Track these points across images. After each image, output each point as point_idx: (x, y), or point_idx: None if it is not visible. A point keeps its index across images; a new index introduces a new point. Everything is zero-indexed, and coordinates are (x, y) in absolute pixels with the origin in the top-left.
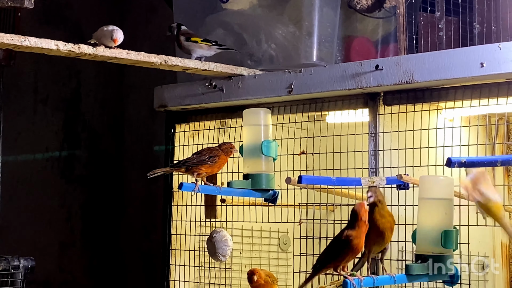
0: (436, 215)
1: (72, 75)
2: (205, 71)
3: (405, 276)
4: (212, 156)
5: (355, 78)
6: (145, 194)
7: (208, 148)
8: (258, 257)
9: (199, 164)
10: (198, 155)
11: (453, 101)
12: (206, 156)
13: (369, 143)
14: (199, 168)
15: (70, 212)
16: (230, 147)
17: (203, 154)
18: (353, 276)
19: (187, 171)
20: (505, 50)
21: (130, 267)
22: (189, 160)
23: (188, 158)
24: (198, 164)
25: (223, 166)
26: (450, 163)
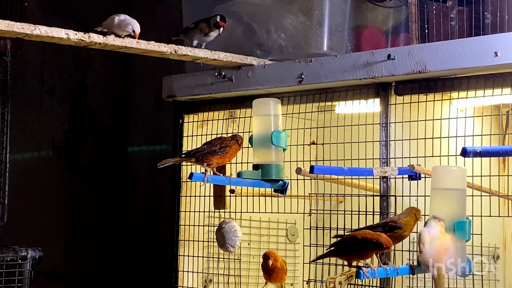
0: (449, 206)
1: (79, 66)
2: (215, 61)
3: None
4: (223, 146)
5: (367, 68)
6: (152, 186)
7: (219, 138)
8: (266, 248)
9: (210, 155)
10: (209, 145)
11: (466, 91)
12: (217, 147)
13: (380, 133)
14: (209, 158)
15: (76, 203)
16: (240, 138)
17: (214, 145)
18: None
19: (197, 162)
20: None
21: (136, 258)
22: (200, 150)
23: (199, 148)
24: (208, 154)
25: (233, 157)
26: (465, 152)
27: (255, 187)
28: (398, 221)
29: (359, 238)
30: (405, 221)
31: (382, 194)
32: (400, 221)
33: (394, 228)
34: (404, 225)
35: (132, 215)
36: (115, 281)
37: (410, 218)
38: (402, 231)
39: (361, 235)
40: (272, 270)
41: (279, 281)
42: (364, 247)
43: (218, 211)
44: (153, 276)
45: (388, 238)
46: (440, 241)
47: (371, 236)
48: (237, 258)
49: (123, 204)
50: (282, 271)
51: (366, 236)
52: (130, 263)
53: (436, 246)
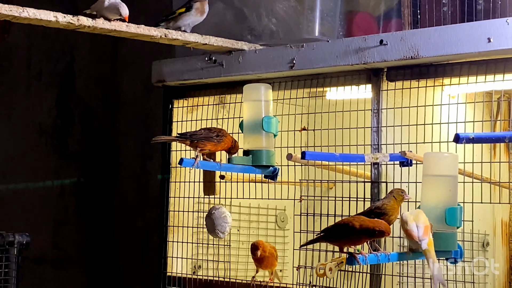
0: (440, 192)
1: (66, 50)
2: (205, 45)
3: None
4: (220, 135)
5: (359, 53)
6: (140, 171)
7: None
8: (256, 234)
9: (206, 140)
10: (207, 130)
11: (458, 77)
12: (215, 134)
13: (372, 120)
14: (204, 143)
15: (64, 188)
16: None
17: (212, 131)
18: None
19: (191, 144)
20: None
21: (124, 244)
22: (197, 133)
23: (196, 132)
24: (204, 139)
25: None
26: (458, 139)
27: (246, 173)
28: (383, 207)
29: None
30: (389, 206)
31: (373, 180)
32: (384, 206)
33: (380, 215)
34: (390, 210)
35: (120, 201)
36: (103, 266)
37: (393, 201)
38: (389, 216)
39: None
40: (262, 259)
41: (270, 267)
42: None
43: (208, 197)
44: (141, 261)
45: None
46: (422, 215)
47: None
48: (227, 244)
49: (111, 189)
50: (272, 258)
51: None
52: (118, 248)
53: (419, 221)
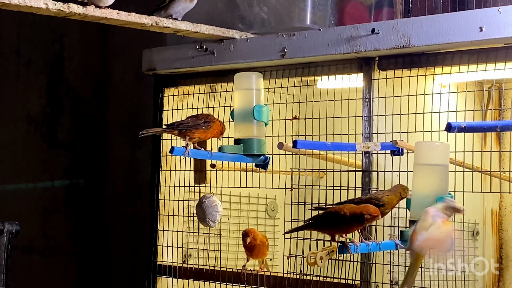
0: (432, 181)
1: (56, 38)
2: (196, 34)
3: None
4: (208, 121)
5: (350, 42)
6: (130, 160)
7: (206, 114)
8: (246, 223)
9: (193, 128)
10: (194, 118)
11: (449, 66)
12: (202, 121)
13: (363, 109)
14: (193, 132)
15: (53, 177)
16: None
17: (199, 118)
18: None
19: (180, 134)
20: (505, 14)
21: (115, 233)
22: (184, 122)
23: (183, 121)
24: (192, 127)
25: (214, 135)
26: (450, 128)
27: (236, 161)
28: (382, 199)
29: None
30: (388, 198)
31: (364, 169)
32: (383, 198)
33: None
34: (387, 203)
35: (111, 190)
36: (93, 255)
37: (394, 196)
38: (384, 208)
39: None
40: (253, 247)
41: (260, 256)
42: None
43: (199, 186)
44: (132, 250)
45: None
46: (439, 231)
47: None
48: (217, 233)
49: (101, 178)
50: (263, 246)
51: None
52: (108, 237)
53: (432, 234)
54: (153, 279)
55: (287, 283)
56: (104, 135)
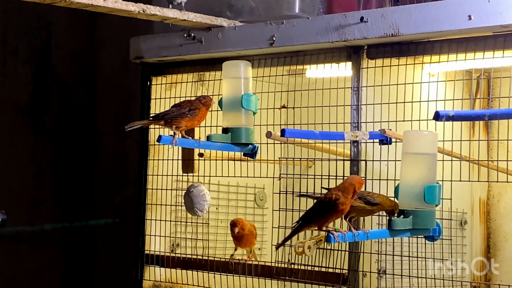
0: (420, 170)
1: (43, 26)
2: (184, 22)
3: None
4: (193, 109)
5: (339, 31)
6: (118, 149)
7: (188, 100)
8: (234, 212)
9: (179, 117)
10: (178, 108)
11: (438, 55)
12: (186, 109)
13: (352, 97)
14: (178, 121)
15: (41, 166)
16: (210, 100)
17: (183, 107)
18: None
19: (166, 124)
20: (494, 2)
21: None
22: (168, 112)
23: (167, 111)
24: (177, 117)
25: (203, 120)
26: (438, 116)
27: (225, 150)
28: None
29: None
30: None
31: (353, 158)
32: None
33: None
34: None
35: (98, 179)
36: (80, 244)
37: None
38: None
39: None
40: (241, 236)
41: (248, 246)
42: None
43: (187, 175)
44: (119, 239)
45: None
46: None
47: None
48: (205, 222)
49: (88, 167)
50: (251, 236)
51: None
52: (96, 227)
53: None
54: (140, 269)
55: (275, 272)
56: (92, 124)
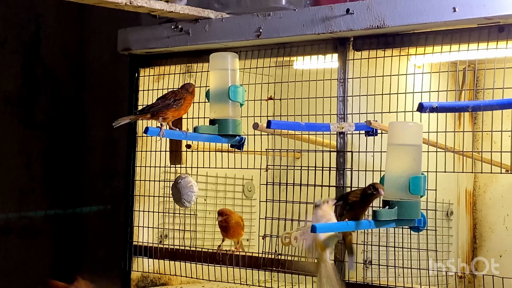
0: (405, 161)
1: (31, 18)
2: (171, 13)
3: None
4: (177, 99)
5: (325, 22)
6: (107, 140)
7: (172, 91)
8: (223, 204)
9: (165, 109)
10: (162, 99)
11: (423, 47)
12: (171, 100)
13: (338, 89)
14: (165, 112)
15: (29, 158)
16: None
17: (168, 98)
18: None
19: (153, 117)
20: None
21: (91, 214)
22: (154, 105)
23: (153, 104)
24: (163, 108)
25: (189, 108)
26: (421, 108)
27: (212, 142)
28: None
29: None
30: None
31: (339, 150)
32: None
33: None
34: None
35: (88, 170)
36: (69, 235)
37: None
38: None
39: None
40: (228, 227)
41: (236, 237)
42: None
43: (174, 166)
44: (108, 231)
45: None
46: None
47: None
48: (193, 213)
49: (78, 158)
50: (238, 227)
51: None
52: (85, 218)
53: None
54: (129, 259)
55: (262, 263)
56: (82, 115)
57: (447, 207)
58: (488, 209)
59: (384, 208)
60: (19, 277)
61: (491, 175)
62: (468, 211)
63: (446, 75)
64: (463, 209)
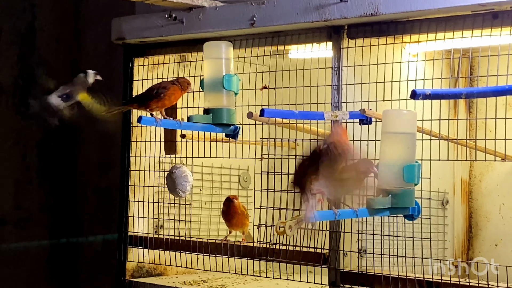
0: (399, 150)
1: (27, 8)
2: (165, 2)
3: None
4: (159, 91)
5: (319, 10)
6: (102, 131)
7: (160, 82)
8: (219, 194)
9: (148, 100)
10: (148, 90)
11: (418, 35)
12: (154, 91)
13: (332, 78)
14: (148, 103)
15: (26, 149)
16: (187, 82)
17: (151, 89)
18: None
19: (140, 107)
20: None
21: (87, 204)
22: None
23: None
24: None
25: (176, 100)
26: (414, 95)
27: (206, 131)
28: None
29: None
30: None
31: None
32: None
33: None
34: None
35: (83, 161)
36: (65, 226)
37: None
38: None
39: None
40: (233, 215)
41: (240, 226)
42: None
43: (169, 156)
44: (104, 221)
45: None
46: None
47: None
48: (188, 203)
49: (73, 149)
50: (242, 216)
51: None
52: (81, 208)
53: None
54: (124, 250)
55: (257, 252)
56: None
57: (443, 196)
58: (483, 198)
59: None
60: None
61: (487, 164)
62: (464, 200)
63: (441, 63)
64: (459, 198)
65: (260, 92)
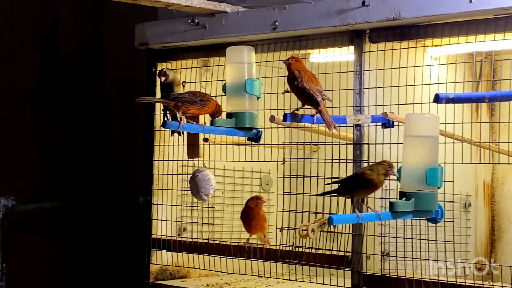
0: (421, 153)
1: (50, 14)
2: (188, 8)
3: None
4: (204, 100)
5: (341, 15)
6: (124, 135)
7: (203, 92)
8: (240, 197)
9: (189, 104)
10: (191, 94)
11: (440, 38)
12: (198, 98)
13: (354, 81)
14: (187, 107)
15: (48, 153)
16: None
17: (196, 96)
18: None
19: (175, 107)
20: None
21: (110, 208)
22: (181, 96)
23: (180, 94)
24: (188, 102)
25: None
26: (438, 99)
27: (229, 135)
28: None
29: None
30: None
31: (356, 142)
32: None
33: None
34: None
35: (105, 164)
36: (88, 230)
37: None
38: None
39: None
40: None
41: (260, 230)
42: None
43: (192, 160)
44: (127, 224)
45: None
46: None
47: None
48: (211, 207)
49: (96, 153)
50: (262, 219)
51: None
52: (104, 212)
53: None
54: (148, 253)
55: (280, 255)
56: (99, 110)
57: (465, 199)
58: (506, 200)
59: (401, 199)
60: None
61: (509, 167)
62: (486, 203)
63: (463, 67)
64: (481, 201)
65: (282, 96)
